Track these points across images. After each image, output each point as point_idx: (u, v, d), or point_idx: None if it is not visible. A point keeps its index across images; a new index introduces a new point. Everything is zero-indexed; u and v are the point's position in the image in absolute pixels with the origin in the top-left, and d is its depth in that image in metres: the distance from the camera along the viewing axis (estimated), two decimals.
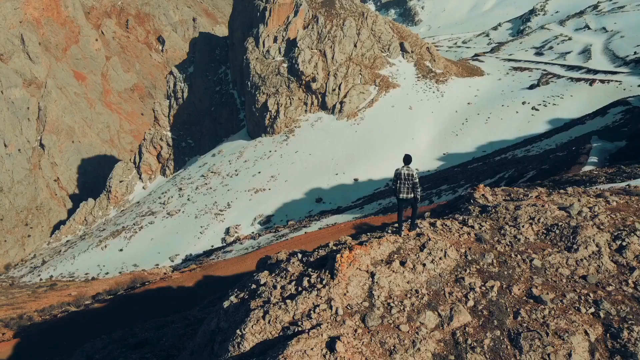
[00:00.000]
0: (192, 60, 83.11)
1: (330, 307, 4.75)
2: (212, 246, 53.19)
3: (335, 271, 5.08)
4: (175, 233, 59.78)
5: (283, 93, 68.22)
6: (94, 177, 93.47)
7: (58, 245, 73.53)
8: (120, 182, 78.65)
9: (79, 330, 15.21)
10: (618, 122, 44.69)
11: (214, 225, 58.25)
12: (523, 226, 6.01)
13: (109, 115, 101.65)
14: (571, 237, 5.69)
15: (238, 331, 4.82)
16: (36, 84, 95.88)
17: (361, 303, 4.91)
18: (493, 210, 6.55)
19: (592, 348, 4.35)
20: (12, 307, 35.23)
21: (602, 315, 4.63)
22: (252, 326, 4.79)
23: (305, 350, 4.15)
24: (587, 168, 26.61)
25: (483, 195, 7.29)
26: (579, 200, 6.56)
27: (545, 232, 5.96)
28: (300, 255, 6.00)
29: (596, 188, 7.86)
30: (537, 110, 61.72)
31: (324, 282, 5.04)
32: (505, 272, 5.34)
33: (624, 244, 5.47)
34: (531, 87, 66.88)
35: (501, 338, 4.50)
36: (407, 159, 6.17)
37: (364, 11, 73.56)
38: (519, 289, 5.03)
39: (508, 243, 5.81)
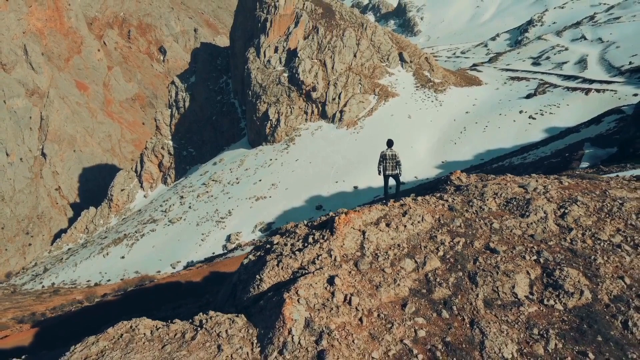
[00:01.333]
0: (193, 70, 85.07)
1: (330, 256, 6.14)
2: (214, 253, 54.31)
3: (334, 229, 6.49)
4: (177, 240, 60.92)
5: (284, 102, 69.94)
6: (95, 186, 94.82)
7: (59, 254, 74.61)
8: (122, 190, 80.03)
9: (96, 319, 16.39)
10: (612, 130, 46.17)
11: (215, 232, 59.40)
12: (487, 199, 7.41)
13: (110, 125, 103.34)
14: (525, 206, 7.09)
15: (257, 276, 6.21)
16: (39, 93, 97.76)
17: (354, 253, 6.30)
18: (465, 188, 7.95)
19: (531, 283, 5.72)
20: (19, 309, 36.34)
21: (542, 261, 6.00)
22: (268, 272, 6.19)
23: (311, 284, 5.53)
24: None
25: (458, 177, 8.74)
26: (536, 181, 7.97)
27: (505, 203, 7.36)
28: (305, 222, 7.40)
29: (557, 174, 9.25)
30: (534, 119, 63.28)
31: (325, 238, 6.44)
32: (470, 232, 6.73)
33: (566, 211, 6.85)
34: (528, 96, 68.55)
35: (462, 277, 5.87)
36: (390, 143, 7.65)
37: (363, 22, 75.67)
38: (479, 244, 6.42)
39: (474, 212, 7.21)
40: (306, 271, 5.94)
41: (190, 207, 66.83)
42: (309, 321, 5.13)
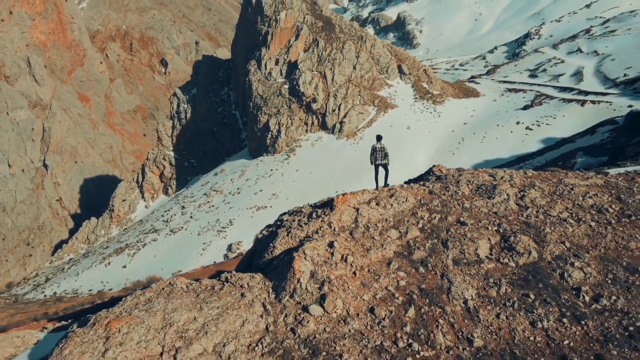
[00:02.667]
0: (195, 82, 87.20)
1: (330, 227, 7.65)
2: (215, 262, 55.48)
3: (333, 207, 8.01)
4: (178, 250, 62.17)
5: (284, 113, 71.80)
6: (95, 197, 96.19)
7: (61, 264, 75.74)
8: (123, 201, 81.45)
9: None
10: (605, 140, 47.88)
11: (217, 241, 60.67)
12: (462, 185, 8.93)
13: (111, 136, 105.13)
14: (492, 190, 8.61)
15: (271, 244, 7.73)
16: (41, 105, 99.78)
17: (350, 225, 7.82)
18: (444, 177, 9.50)
19: (491, 247, 7.23)
20: (26, 314, 37.49)
21: (501, 230, 7.51)
22: (280, 240, 7.70)
23: (315, 247, 7.04)
24: None
25: (439, 169, 10.28)
26: (504, 171, 9.50)
27: (476, 188, 8.87)
28: (309, 203, 8.93)
29: (526, 169, 10.77)
30: (530, 129, 65.02)
31: (326, 214, 7.96)
32: (445, 210, 8.25)
33: (525, 194, 8.36)
34: (525, 107, 70.38)
35: (437, 243, 7.38)
36: (379, 138, 9.27)
37: (362, 35, 77.96)
38: (452, 218, 7.93)
39: (450, 195, 8.73)
40: (311, 239, 7.45)
41: (191, 217, 68.21)
42: (314, 273, 6.63)
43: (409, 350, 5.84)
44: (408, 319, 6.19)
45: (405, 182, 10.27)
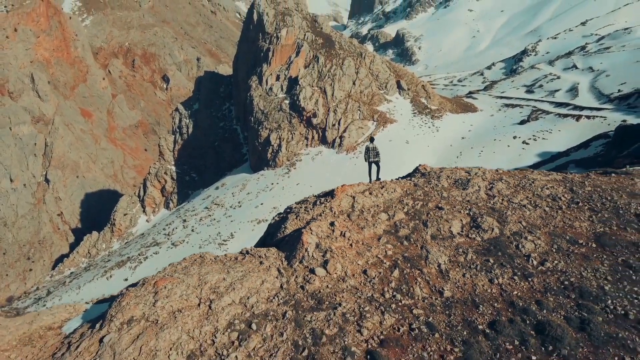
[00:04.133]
0: (197, 97, 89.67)
1: (331, 211, 9.44)
2: None
3: (334, 195, 9.83)
4: None
5: (285, 128, 73.97)
6: (96, 211, 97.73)
7: (62, 277, 76.93)
8: (125, 215, 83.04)
9: None
10: (598, 153, 49.86)
11: (218, 254, 62.02)
12: (442, 179, 10.74)
13: (113, 151, 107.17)
14: (466, 183, 10.43)
15: (282, 226, 9.51)
16: (44, 120, 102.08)
17: (347, 209, 9.61)
18: (428, 174, 11.32)
19: (462, 226, 9.01)
20: None
21: (471, 214, 9.30)
22: (290, 222, 9.49)
23: (319, 225, 8.84)
24: None
25: (424, 167, 12.11)
26: (478, 169, 11.31)
27: (453, 182, 10.68)
28: (313, 194, 10.74)
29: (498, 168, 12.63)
30: (527, 144, 67.01)
31: (328, 201, 9.76)
32: (426, 198, 10.06)
33: (493, 186, 10.17)
34: (522, 122, 72.55)
35: (418, 223, 9.17)
36: (372, 139, 11.15)
37: (362, 51, 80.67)
38: (432, 204, 9.73)
39: (432, 187, 10.55)
40: (316, 220, 9.23)
41: (193, 230, 69.74)
42: (318, 244, 8.41)
43: (393, 299, 7.60)
44: (393, 278, 7.95)
45: (395, 179, 12.10)
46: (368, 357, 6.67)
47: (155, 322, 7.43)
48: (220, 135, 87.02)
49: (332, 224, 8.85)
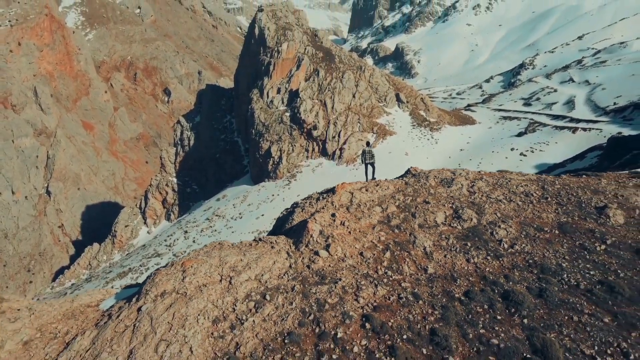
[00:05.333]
0: (199, 110, 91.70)
1: (332, 204, 10.99)
2: None
3: (335, 191, 11.39)
4: None
5: (285, 140, 75.76)
6: (97, 223, 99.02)
7: (62, 289, 77.95)
8: (126, 226, 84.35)
9: None
10: (593, 164, 51.51)
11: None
12: (430, 179, 12.31)
13: (114, 163, 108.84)
14: (451, 181, 12.00)
15: (290, 217, 11.05)
16: (46, 133, 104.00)
17: (346, 203, 11.16)
18: (418, 174, 12.90)
19: (445, 217, 10.55)
20: None
21: (454, 207, 10.85)
22: (297, 214, 11.03)
23: (322, 216, 10.38)
24: None
25: (415, 169, 13.68)
26: (462, 170, 12.87)
27: (440, 181, 12.25)
28: (317, 191, 12.30)
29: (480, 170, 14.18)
30: (524, 155, 68.71)
31: (330, 196, 11.31)
32: (416, 194, 11.62)
33: (475, 184, 11.74)
34: (519, 134, 74.34)
35: (408, 215, 10.71)
36: (368, 143, 12.75)
37: (361, 65, 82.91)
38: (420, 199, 11.29)
39: (420, 185, 12.12)
40: (319, 212, 10.78)
41: (194, 242, 71.01)
42: (322, 231, 9.94)
43: (385, 275, 9.11)
44: (385, 258, 9.48)
45: (388, 179, 13.70)
46: (363, 319, 8.17)
47: (185, 294, 8.93)
48: (222, 147, 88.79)
49: (333, 215, 10.37)
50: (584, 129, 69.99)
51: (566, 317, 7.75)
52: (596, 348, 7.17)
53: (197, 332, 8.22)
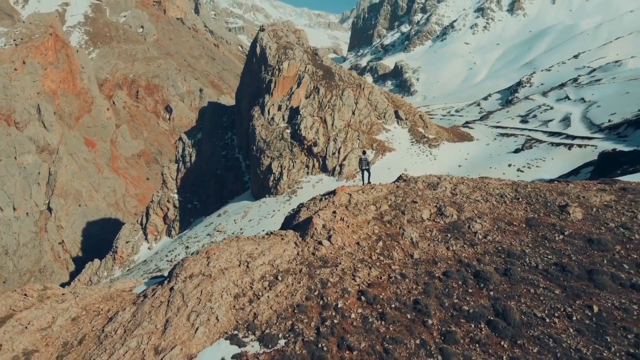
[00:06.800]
0: (200, 127, 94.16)
1: (333, 204, 12.94)
2: None
3: (335, 193, 13.35)
4: None
5: (286, 156, 77.92)
6: (98, 239, 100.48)
7: None
8: (127, 242, 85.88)
9: None
10: (588, 180, 53.45)
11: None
12: (418, 183, 14.28)
13: (115, 180, 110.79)
14: (436, 185, 13.97)
15: (296, 215, 12.99)
16: (48, 150, 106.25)
17: (345, 203, 13.12)
18: (408, 179, 14.87)
19: (430, 213, 12.48)
20: None
21: (438, 206, 12.78)
22: (303, 212, 12.97)
23: (325, 213, 12.32)
24: None
25: (406, 175, 15.65)
26: (447, 175, 14.82)
27: (427, 185, 14.22)
28: (319, 193, 14.26)
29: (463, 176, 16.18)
30: (521, 171, 70.67)
31: (331, 197, 13.28)
32: (405, 195, 13.57)
33: (457, 187, 13.70)
34: (516, 151, 76.45)
35: (398, 212, 12.65)
36: (364, 152, 14.79)
37: (361, 83, 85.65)
38: (409, 199, 13.24)
39: (410, 188, 14.08)
40: (322, 210, 12.71)
41: None
42: (324, 225, 11.87)
43: (378, 260, 11.01)
44: (378, 247, 11.38)
45: (382, 183, 15.69)
46: (359, 294, 10.05)
47: (210, 275, 10.81)
48: (223, 163, 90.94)
49: (334, 212, 12.27)
50: (580, 146, 72.20)
51: (525, 290, 9.62)
52: (546, 312, 9.04)
53: (221, 305, 10.07)
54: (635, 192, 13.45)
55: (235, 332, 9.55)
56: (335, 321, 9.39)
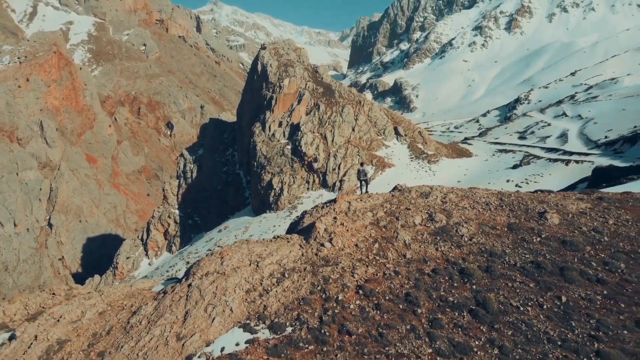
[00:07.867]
0: (201, 143, 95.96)
1: (334, 210, 14.39)
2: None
3: (336, 201, 14.81)
4: None
5: (287, 172, 79.47)
6: (97, 255, 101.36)
7: None
8: (127, 258, 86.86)
9: None
10: None
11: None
12: (412, 192, 15.75)
13: (116, 196, 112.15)
14: (428, 194, 15.43)
15: (300, 221, 14.43)
16: (50, 166, 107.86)
17: (345, 210, 14.58)
18: (402, 189, 16.35)
19: (422, 219, 13.91)
20: None
21: (429, 212, 14.22)
22: (306, 218, 14.43)
23: (326, 218, 13.77)
24: None
25: (401, 186, 17.13)
26: (439, 186, 16.31)
27: (420, 194, 15.68)
28: (322, 202, 15.71)
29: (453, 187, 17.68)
30: (519, 187, 71.96)
31: (332, 204, 14.73)
32: (399, 203, 15.02)
33: (447, 196, 15.15)
34: (514, 166, 78.03)
35: (393, 218, 14.09)
36: (362, 164, 16.28)
37: (360, 99, 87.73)
38: (403, 207, 14.69)
39: (404, 197, 15.54)
40: (324, 216, 14.15)
41: None
42: (326, 228, 13.30)
43: (374, 259, 12.41)
44: (375, 248, 12.80)
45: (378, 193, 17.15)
46: (358, 288, 11.43)
47: (224, 273, 12.20)
48: (224, 179, 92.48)
49: (334, 218, 13.70)
50: (577, 161, 73.85)
51: (503, 284, 11.02)
52: (521, 302, 10.42)
53: (235, 298, 11.44)
54: (610, 200, 14.92)
55: (248, 321, 10.91)
56: (336, 311, 10.75)
